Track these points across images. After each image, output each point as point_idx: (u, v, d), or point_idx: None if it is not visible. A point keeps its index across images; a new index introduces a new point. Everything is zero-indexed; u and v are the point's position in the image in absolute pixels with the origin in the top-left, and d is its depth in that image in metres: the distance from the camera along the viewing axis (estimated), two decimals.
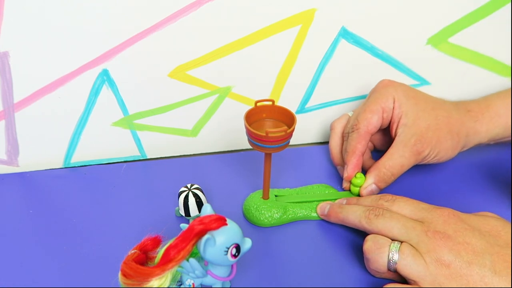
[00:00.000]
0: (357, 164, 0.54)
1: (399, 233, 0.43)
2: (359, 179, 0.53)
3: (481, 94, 0.66)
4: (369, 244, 0.44)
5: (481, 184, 0.58)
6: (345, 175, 0.54)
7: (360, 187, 0.53)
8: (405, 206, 0.46)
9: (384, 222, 0.45)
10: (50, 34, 0.52)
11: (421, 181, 0.58)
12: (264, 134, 0.44)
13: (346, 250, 0.49)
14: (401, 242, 0.43)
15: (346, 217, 0.49)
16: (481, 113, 0.56)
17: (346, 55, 0.60)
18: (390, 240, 0.43)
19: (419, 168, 0.60)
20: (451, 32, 0.61)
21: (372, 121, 0.54)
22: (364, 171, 0.55)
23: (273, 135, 0.44)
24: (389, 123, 0.55)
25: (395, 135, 0.54)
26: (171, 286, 0.39)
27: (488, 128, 0.56)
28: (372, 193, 0.53)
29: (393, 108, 0.54)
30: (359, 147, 0.54)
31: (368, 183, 0.53)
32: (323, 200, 0.54)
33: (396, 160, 0.52)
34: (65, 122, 0.58)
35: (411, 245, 0.42)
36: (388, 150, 0.53)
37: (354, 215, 0.48)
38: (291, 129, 0.45)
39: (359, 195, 0.54)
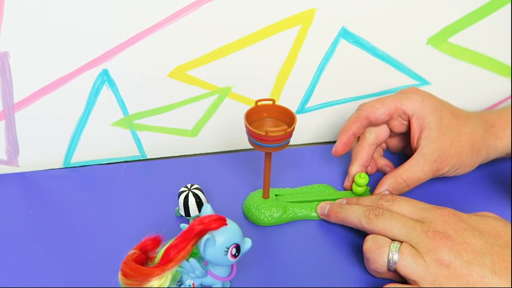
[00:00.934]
0: (346, 143, 0.54)
1: (399, 233, 0.43)
2: (362, 178, 0.53)
3: (481, 94, 0.66)
4: (369, 244, 0.44)
5: (481, 184, 0.58)
6: (333, 150, 0.55)
7: (363, 186, 0.53)
8: (405, 206, 0.46)
9: (384, 222, 0.45)
10: (50, 34, 0.52)
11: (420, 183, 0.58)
12: (263, 133, 0.44)
13: (346, 250, 0.49)
14: (401, 242, 0.43)
15: (346, 217, 0.49)
16: (503, 128, 0.55)
17: (346, 55, 0.60)
18: (390, 240, 0.43)
19: None
20: (451, 32, 0.61)
21: (377, 110, 0.54)
22: (379, 173, 0.56)
23: (272, 134, 0.44)
24: (409, 131, 0.54)
25: (417, 146, 0.53)
26: (171, 286, 0.39)
27: (508, 143, 0.55)
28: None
29: (412, 116, 0.53)
30: (353, 127, 0.54)
31: (382, 189, 0.53)
32: (323, 200, 0.54)
33: (415, 173, 0.52)
34: (65, 122, 0.58)
35: (411, 245, 0.42)
36: (408, 161, 0.53)
37: (354, 215, 0.48)
38: (291, 128, 0.45)
39: (360, 195, 0.54)
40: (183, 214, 0.50)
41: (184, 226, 0.39)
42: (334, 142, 0.65)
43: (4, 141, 0.58)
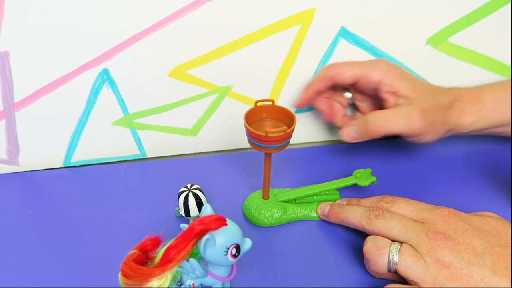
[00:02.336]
0: (307, 98, 0.59)
1: (399, 233, 0.43)
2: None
3: None
4: (369, 245, 0.44)
5: (481, 184, 0.58)
6: (294, 103, 0.60)
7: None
8: (405, 207, 0.46)
9: (384, 222, 0.45)
10: (50, 34, 0.52)
11: (421, 181, 0.58)
12: (263, 134, 0.44)
13: (346, 250, 0.49)
14: (401, 243, 0.43)
15: (346, 217, 0.49)
16: (469, 103, 0.56)
17: (345, 55, 0.60)
18: (390, 241, 0.43)
19: (419, 168, 0.60)
20: (451, 32, 0.61)
21: (342, 71, 0.56)
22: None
23: (272, 135, 0.44)
24: (379, 96, 0.56)
25: (395, 105, 0.55)
26: (171, 286, 0.39)
27: (474, 120, 0.56)
28: (349, 135, 0.55)
29: (379, 83, 0.55)
30: (316, 84, 0.58)
31: (351, 124, 0.55)
32: (323, 195, 0.54)
33: (387, 114, 0.53)
34: (65, 122, 0.58)
35: (411, 246, 0.42)
36: (384, 109, 0.55)
37: (354, 215, 0.48)
38: (291, 129, 0.45)
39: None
40: (183, 214, 0.50)
41: (184, 226, 0.39)
42: (334, 142, 0.66)
43: (4, 141, 0.58)
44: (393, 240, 0.43)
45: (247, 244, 0.40)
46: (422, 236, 0.42)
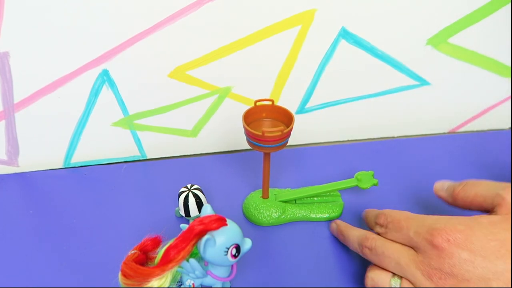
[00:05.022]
0: None
1: (395, 270, 0.41)
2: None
3: (481, 94, 0.66)
4: (369, 282, 0.43)
5: None
6: None
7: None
8: (396, 234, 0.43)
9: (378, 259, 0.43)
10: (50, 34, 0.52)
11: (420, 183, 0.58)
12: (260, 134, 0.44)
13: (346, 250, 0.49)
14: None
15: (346, 242, 0.48)
16: None
17: (346, 56, 0.60)
18: (391, 276, 0.41)
19: (417, 172, 0.60)
20: (451, 33, 0.61)
21: None
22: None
23: (269, 135, 0.44)
24: None
25: None
26: (171, 286, 0.39)
27: None
28: None
29: None
30: None
31: None
32: (323, 196, 0.54)
33: None
34: (65, 122, 0.58)
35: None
36: None
37: (351, 241, 0.46)
38: (288, 129, 0.45)
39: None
40: (183, 215, 0.50)
41: (184, 226, 0.39)
42: (334, 142, 0.66)
43: (4, 141, 0.58)
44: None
45: (247, 244, 0.40)
46: (417, 275, 0.40)
